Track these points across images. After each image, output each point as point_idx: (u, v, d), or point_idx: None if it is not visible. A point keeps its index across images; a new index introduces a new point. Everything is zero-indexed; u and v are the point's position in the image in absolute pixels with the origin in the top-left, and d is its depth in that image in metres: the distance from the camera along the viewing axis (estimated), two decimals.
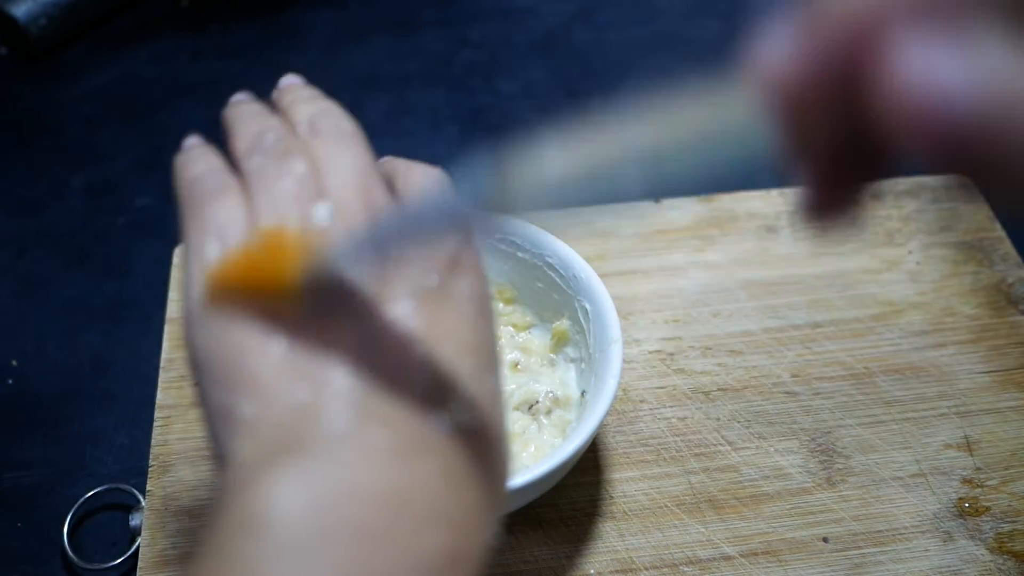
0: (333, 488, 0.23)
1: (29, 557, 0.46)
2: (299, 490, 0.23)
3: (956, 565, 0.44)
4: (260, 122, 0.31)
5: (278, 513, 0.22)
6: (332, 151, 0.29)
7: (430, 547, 0.23)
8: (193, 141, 0.32)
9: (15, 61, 0.70)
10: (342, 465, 0.23)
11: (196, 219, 0.28)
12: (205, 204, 0.28)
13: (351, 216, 0.27)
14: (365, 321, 0.26)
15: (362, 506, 0.23)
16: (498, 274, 0.49)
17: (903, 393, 0.50)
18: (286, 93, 0.34)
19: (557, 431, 0.45)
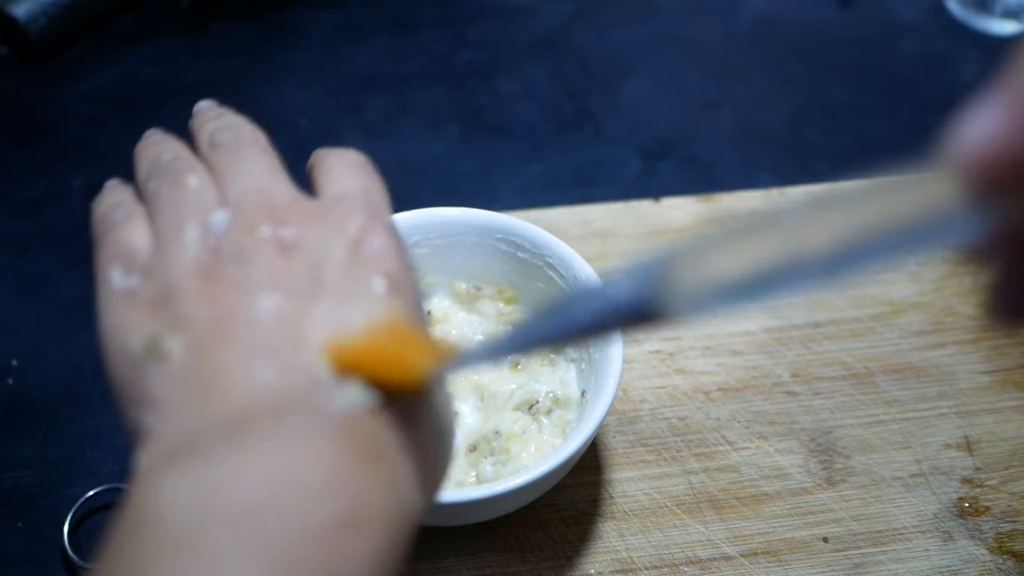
0: (218, 477, 0.23)
1: (29, 557, 0.46)
2: (183, 485, 0.23)
3: (956, 565, 0.44)
4: (157, 148, 0.32)
5: (162, 509, 0.23)
6: (228, 160, 0.30)
7: (317, 514, 0.23)
8: (110, 183, 0.34)
9: (15, 61, 0.70)
10: (228, 457, 0.24)
11: (102, 249, 0.30)
12: (109, 233, 0.30)
13: (251, 218, 0.28)
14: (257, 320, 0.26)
15: (244, 487, 0.23)
16: (498, 274, 0.49)
17: (903, 393, 0.50)
18: (197, 118, 0.34)
19: (557, 431, 0.45)
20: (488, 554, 0.45)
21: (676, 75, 0.71)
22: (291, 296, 0.27)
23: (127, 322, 0.28)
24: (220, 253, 0.28)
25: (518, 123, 0.67)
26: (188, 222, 0.28)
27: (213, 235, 0.28)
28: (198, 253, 0.28)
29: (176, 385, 0.26)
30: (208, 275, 0.27)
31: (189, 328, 0.26)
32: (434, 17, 0.74)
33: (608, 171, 0.64)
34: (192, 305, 0.27)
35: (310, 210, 0.29)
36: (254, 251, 0.27)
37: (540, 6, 0.75)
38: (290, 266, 0.27)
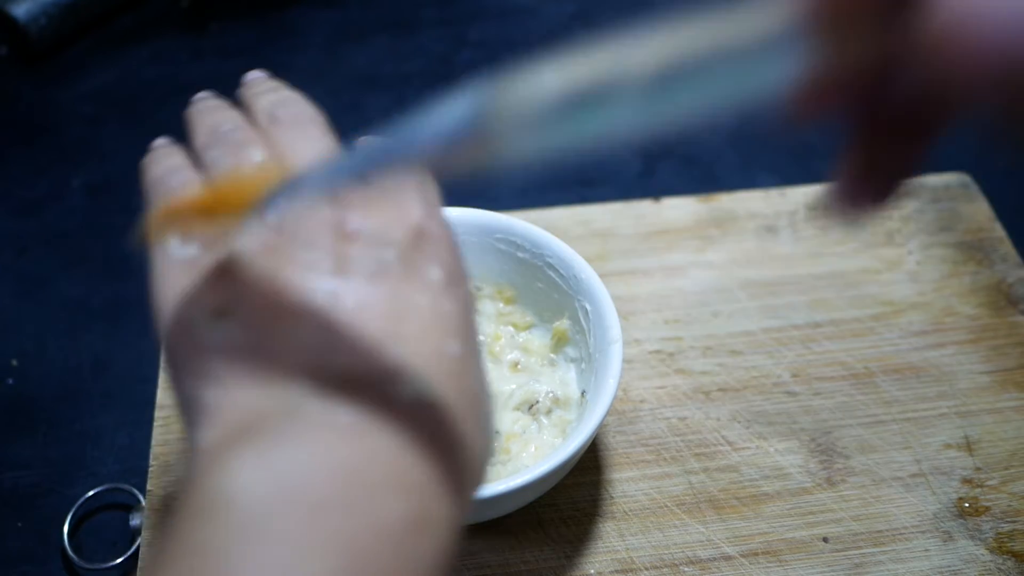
0: (290, 466, 0.23)
1: (29, 557, 0.46)
2: (256, 470, 0.23)
3: (956, 565, 0.44)
4: (217, 116, 0.32)
5: (236, 494, 0.23)
6: (290, 138, 0.30)
7: (390, 514, 0.23)
8: (160, 142, 0.33)
9: (15, 61, 0.70)
10: (298, 443, 0.24)
11: None
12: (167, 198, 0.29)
13: (322, 207, 0.28)
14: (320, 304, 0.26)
15: (319, 480, 0.23)
16: (498, 274, 0.49)
17: (903, 393, 0.50)
18: (249, 87, 0.34)
19: (557, 431, 0.45)
20: (488, 554, 0.45)
21: None
22: (351, 282, 0.26)
23: (187, 291, 0.27)
24: (283, 231, 0.27)
25: None
26: None
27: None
28: (261, 230, 0.27)
29: (237, 361, 0.25)
30: (271, 253, 0.27)
31: (251, 305, 0.26)
32: (434, 17, 0.74)
33: (608, 171, 0.64)
34: (255, 281, 0.26)
35: (371, 196, 0.29)
36: (317, 233, 0.27)
37: (540, 6, 0.75)
38: (351, 251, 0.27)
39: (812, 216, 0.57)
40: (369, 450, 0.24)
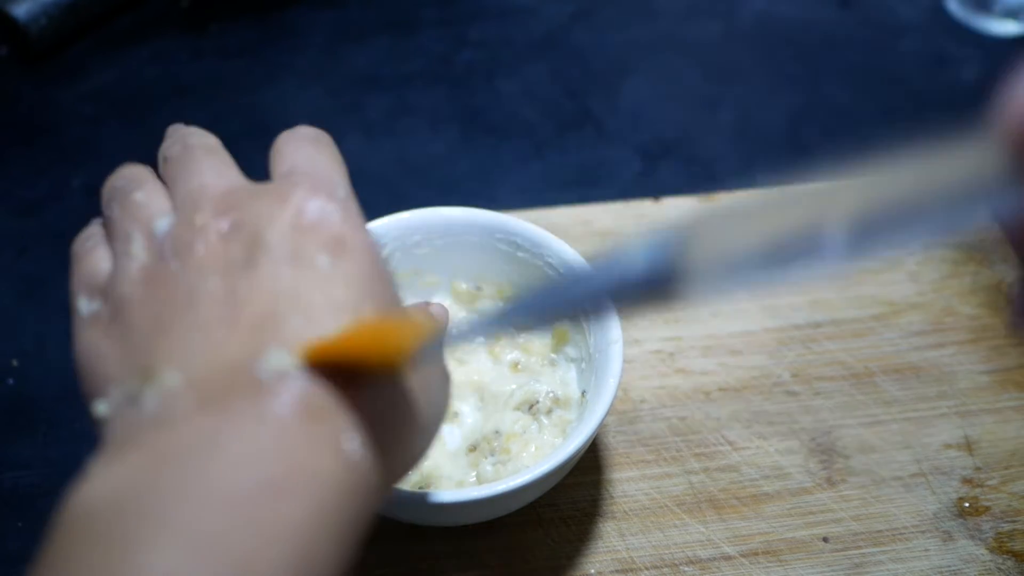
0: (133, 466, 0.24)
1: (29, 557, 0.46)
2: (105, 477, 0.24)
3: (956, 565, 0.44)
4: (117, 176, 0.33)
5: (86, 504, 0.24)
6: (176, 169, 0.31)
7: (237, 482, 0.23)
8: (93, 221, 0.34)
9: (15, 61, 0.70)
10: (146, 445, 0.24)
11: (71, 280, 0.31)
12: (76, 264, 0.31)
13: (191, 214, 0.29)
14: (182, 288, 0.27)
15: (160, 471, 0.23)
16: (498, 274, 0.49)
17: (903, 393, 0.50)
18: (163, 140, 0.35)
19: (557, 431, 0.45)
20: (488, 554, 0.45)
21: (676, 75, 0.71)
22: (227, 274, 0.27)
23: (91, 345, 0.29)
24: (163, 254, 0.28)
25: (518, 123, 0.67)
26: (134, 234, 0.29)
27: (158, 240, 0.29)
28: (144, 260, 0.29)
29: (120, 388, 0.27)
30: (152, 277, 0.28)
31: (134, 332, 0.27)
32: (434, 17, 0.74)
33: (608, 171, 0.64)
34: (136, 310, 0.28)
35: (254, 192, 0.29)
36: (193, 242, 0.28)
37: (540, 6, 0.75)
38: (229, 247, 0.28)
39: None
40: (223, 427, 0.24)
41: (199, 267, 0.27)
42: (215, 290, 0.27)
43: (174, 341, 0.26)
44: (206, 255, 0.27)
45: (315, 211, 0.28)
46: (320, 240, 0.28)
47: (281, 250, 0.27)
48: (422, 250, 0.49)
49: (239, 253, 0.27)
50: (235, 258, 0.27)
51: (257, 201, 0.29)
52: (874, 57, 0.72)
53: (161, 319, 0.27)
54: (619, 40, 0.73)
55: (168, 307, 0.27)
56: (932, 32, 0.73)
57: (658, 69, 0.71)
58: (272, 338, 0.26)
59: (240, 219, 0.28)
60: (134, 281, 0.28)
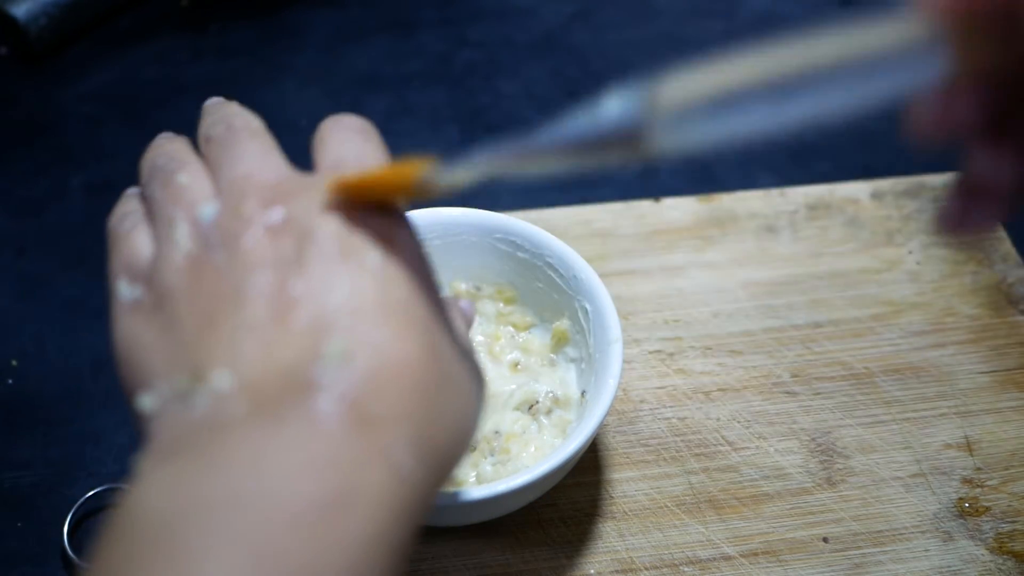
0: (189, 474, 0.23)
1: (29, 557, 0.46)
2: (160, 484, 0.23)
3: (956, 565, 0.44)
4: (156, 151, 0.32)
5: (142, 511, 0.23)
6: (219, 152, 0.30)
7: (298, 498, 0.23)
8: (127, 192, 0.33)
9: (15, 61, 0.70)
10: (203, 451, 0.24)
11: (112, 261, 0.30)
12: (116, 245, 0.30)
13: (238, 203, 0.28)
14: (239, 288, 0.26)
15: (216, 481, 0.23)
16: (498, 274, 0.49)
17: (903, 393, 0.50)
18: (202, 116, 0.34)
19: (557, 431, 0.45)
20: (488, 554, 0.45)
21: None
22: (277, 271, 0.26)
23: (133, 334, 0.28)
24: (209, 244, 0.27)
25: (518, 123, 0.67)
26: (177, 220, 0.28)
27: (203, 228, 0.28)
28: (189, 248, 0.28)
29: (168, 384, 0.26)
30: (198, 268, 0.27)
31: (180, 326, 0.26)
32: (434, 17, 0.74)
33: (608, 171, 0.64)
34: (182, 302, 0.27)
35: (302, 184, 0.28)
36: (241, 234, 0.27)
37: (540, 6, 0.75)
38: (277, 242, 0.27)
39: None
40: (280, 434, 0.24)
41: (247, 261, 0.26)
42: (265, 287, 0.26)
43: (224, 339, 0.26)
44: (254, 248, 0.27)
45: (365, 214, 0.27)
46: (369, 236, 0.27)
47: (331, 247, 0.26)
48: None
49: (288, 249, 0.26)
50: (284, 254, 0.26)
51: (306, 194, 0.28)
52: None
53: (209, 314, 0.26)
54: (619, 40, 0.73)
55: (216, 302, 0.26)
56: None
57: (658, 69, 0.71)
58: (322, 341, 0.25)
59: (288, 212, 0.27)
60: (179, 270, 0.27)
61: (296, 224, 0.27)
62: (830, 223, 0.58)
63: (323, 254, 0.26)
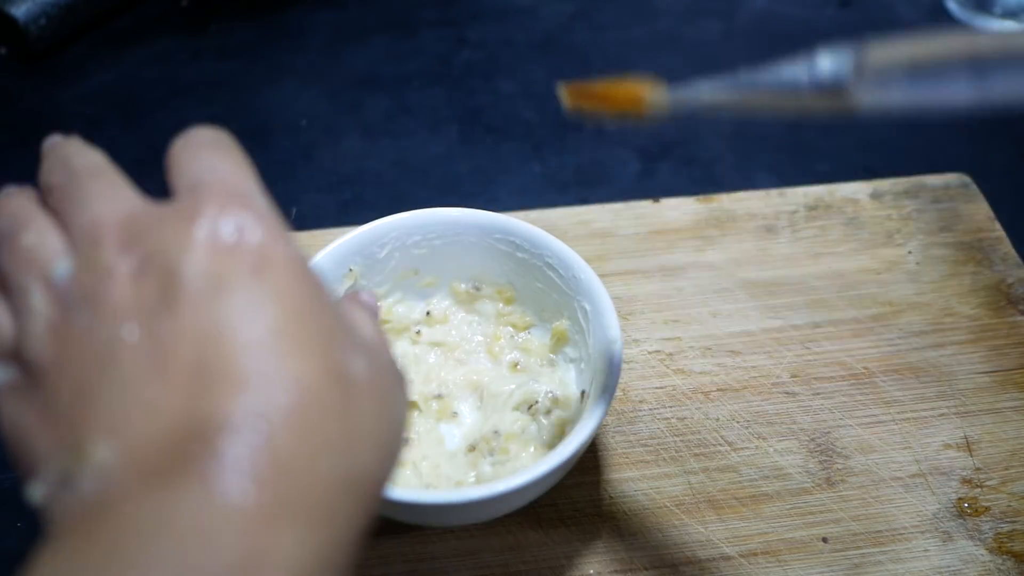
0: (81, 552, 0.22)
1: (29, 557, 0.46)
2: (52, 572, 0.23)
3: (955, 565, 0.44)
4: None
5: None
6: (63, 200, 0.28)
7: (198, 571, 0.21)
8: None
9: (15, 61, 0.70)
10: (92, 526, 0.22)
11: None
12: None
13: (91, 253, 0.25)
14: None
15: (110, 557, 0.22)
16: (498, 274, 0.49)
17: (903, 393, 0.50)
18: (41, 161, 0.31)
19: (556, 431, 0.45)
20: (488, 554, 0.45)
21: (676, 75, 0.71)
22: (145, 320, 0.24)
23: (14, 420, 0.25)
24: (69, 305, 0.25)
25: (518, 123, 0.67)
26: (30, 286, 0.26)
27: (60, 288, 0.25)
28: (48, 315, 0.25)
29: (52, 468, 0.24)
30: (62, 334, 0.25)
31: (56, 402, 0.24)
32: (434, 17, 0.74)
33: (607, 171, 0.64)
34: (52, 375, 0.25)
35: (159, 216, 0.26)
36: (100, 287, 0.25)
37: (540, 6, 0.75)
38: (141, 288, 0.24)
39: None
40: (159, 506, 0.22)
41: (112, 316, 0.24)
42: (135, 341, 0.24)
43: (102, 407, 0.23)
44: (118, 301, 0.24)
45: (231, 228, 0.25)
46: (242, 261, 0.24)
47: (200, 281, 0.24)
48: (421, 250, 0.49)
49: (154, 292, 0.24)
50: (151, 299, 0.24)
51: (163, 226, 0.25)
52: None
53: (82, 383, 0.24)
54: (619, 40, 0.73)
55: (87, 368, 0.24)
56: None
57: (658, 69, 0.71)
58: (209, 387, 0.23)
59: (148, 251, 0.25)
60: (43, 341, 0.25)
61: (158, 263, 0.24)
62: (829, 223, 0.58)
63: (192, 292, 0.24)
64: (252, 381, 0.23)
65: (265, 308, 0.24)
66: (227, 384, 0.23)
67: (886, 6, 0.75)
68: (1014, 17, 0.72)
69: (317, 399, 0.24)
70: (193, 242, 0.24)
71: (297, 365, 0.24)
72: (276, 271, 0.25)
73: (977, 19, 0.73)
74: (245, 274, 0.24)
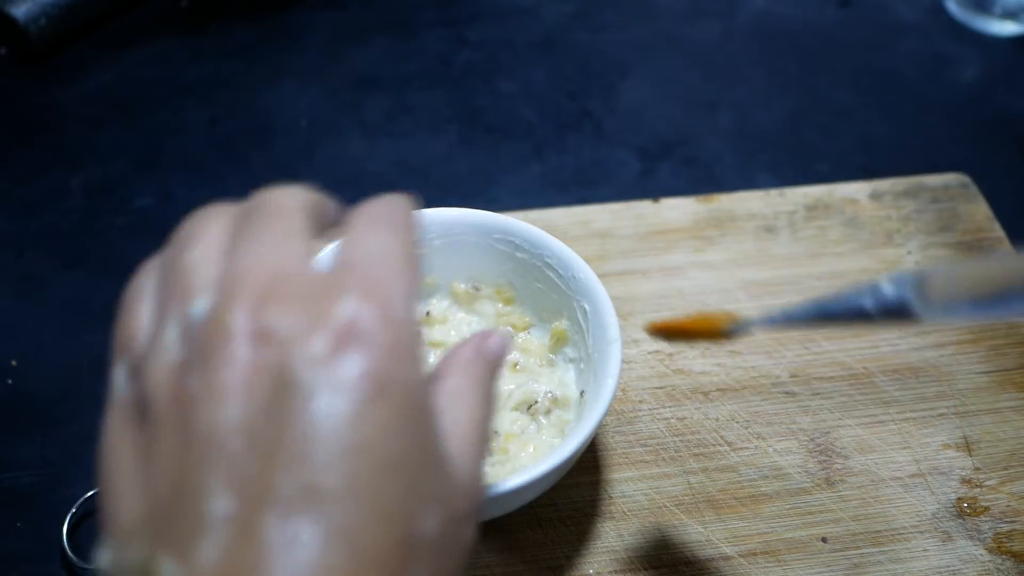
0: None
1: (29, 557, 0.46)
2: None
3: (955, 565, 0.44)
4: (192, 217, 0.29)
5: None
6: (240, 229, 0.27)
7: None
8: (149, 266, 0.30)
9: (15, 61, 0.70)
10: None
11: (116, 329, 0.28)
12: (119, 318, 0.28)
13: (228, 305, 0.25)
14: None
15: None
16: (497, 274, 0.49)
17: (902, 393, 0.50)
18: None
19: (556, 431, 0.45)
20: (488, 554, 0.45)
21: (675, 75, 0.71)
22: (250, 417, 0.23)
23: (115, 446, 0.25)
24: (190, 358, 0.24)
25: (518, 123, 0.67)
26: (171, 314, 0.26)
27: (191, 330, 0.25)
28: (174, 357, 0.25)
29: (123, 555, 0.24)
30: (177, 388, 0.24)
31: (152, 471, 0.24)
32: (434, 17, 0.74)
33: (607, 171, 0.64)
34: (161, 429, 0.24)
35: (300, 291, 0.25)
36: (217, 355, 0.24)
37: (540, 6, 0.75)
38: (256, 367, 0.24)
39: None
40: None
41: (220, 399, 0.23)
42: (230, 466, 0.23)
43: (183, 526, 0.23)
44: (228, 382, 0.23)
45: (358, 335, 0.24)
46: (355, 375, 0.23)
47: (310, 390, 0.23)
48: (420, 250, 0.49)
49: (265, 389, 0.23)
50: (260, 396, 0.23)
51: (297, 306, 0.24)
52: (874, 57, 0.72)
53: (178, 471, 0.23)
54: (619, 40, 0.73)
55: (186, 456, 0.23)
56: (932, 32, 0.73)
57: (657, 69, 0.71)
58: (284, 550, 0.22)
59: (276, 327, 0.24)
60: (161, 384, 0.25)
61: (275, 352, 0.24)
62: (829, 223, 0.58)
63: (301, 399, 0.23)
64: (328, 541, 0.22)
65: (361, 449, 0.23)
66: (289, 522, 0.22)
67: (886, 6, 0.75)
68: (1014, 17, 0.72)
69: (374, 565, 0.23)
70: (315, 340, 0.24)
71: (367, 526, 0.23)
72: (389, 402, 0.24)
73: (977, 19, 0.73)
74: (354, 391, 0.23)
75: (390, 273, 0.26)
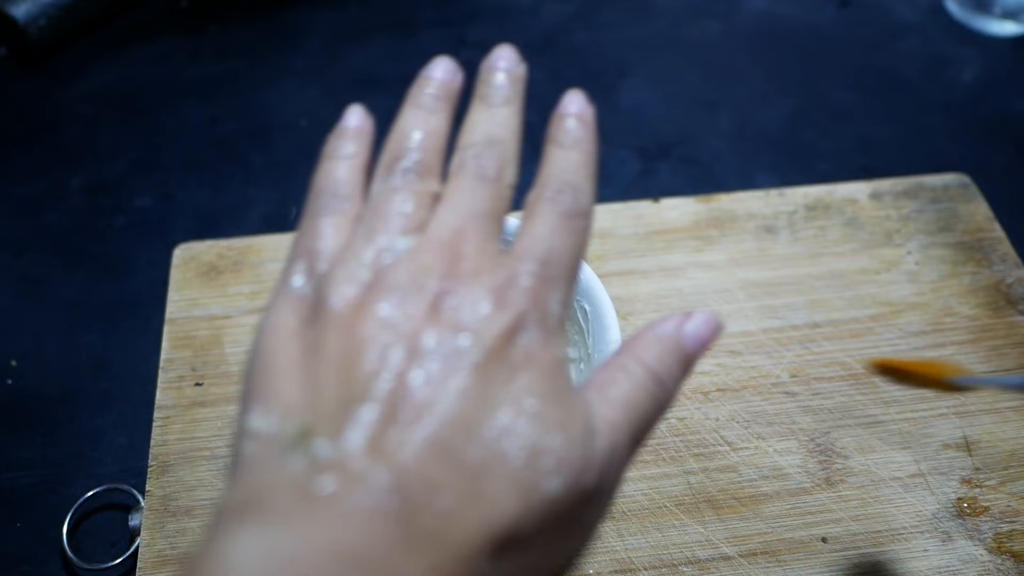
0: (282, 548, 0.23)
1: (29, 557, 0.46)
2: (253, 547, 0.23)
3: (955, 565, 0.44)
4: (415, 134, 0.32)
5: (229, 568, 0.22)
6: (453, 187, 0.29)
7: None
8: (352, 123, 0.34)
9: (15, 61, 0.70)
10: (294, 526, 0.23)
11: (300, 235, 0.29)
12: (312, 220, 0.29)
13: (425, 258, 0.27)
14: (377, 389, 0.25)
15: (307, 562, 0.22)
16: None
17: (902, 393, 0.50)
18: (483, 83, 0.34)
19: None
20: None
21: (675, 75, 0.71)
22: (413, 363, 0.25)
23: (279, 339, 0.26)
24: (382, 285, 0.26)
25: None
26: (375, 238, 0.27)
27: (387, 263, 0.27)
28: (365, 280, 0.26)
29: (279, 424, 0.25)
30: (363, 307, 0.26)
31: (318, 368, 0.25)
32: (434, 17, 0.74)
33: (607, 171, 0.64)
34: (332, 337, 0.26)
35: (483, 264, 0.27)
36: (408, 295, 0.26)
37: (540, 6, 0.75)
38: (427, 327, 0.25)
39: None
40: (372, 536, 0.23)
41: (393, 337, 0.25)
42: (393, 379, 0.25)
43: (340, 409, 0.24)
44: (404, 325, 0.25)
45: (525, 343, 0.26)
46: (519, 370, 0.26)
47: (470, 358, 0.25)
48: None
49: (432, 343, 0.25)
50: (427, 348, 0.25)
51: (478, 280, 0.27)
52: (874, 57, 0.72)
53: (345, 372, 0.25)
54: (619, 40, 0.73)
55: (357, 363, 0.25)
56: (931, 32, 0.73)
57: (657, 69, 0.71)
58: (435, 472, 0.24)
59: (457, 299, 0.26)
60: (346, 299, 0.26)
61: (452, 314, 0.26)
62: (829, 223, 0.58)
63: (462, 365, 0.25)
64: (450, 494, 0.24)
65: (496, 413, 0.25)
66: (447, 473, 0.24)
67: (886, 6, 0.76)
68: (1014, 17, 0.72)
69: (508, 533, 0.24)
70: (486, 319, 0.26)
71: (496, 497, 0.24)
72: (533, 370, 0.26)
73: (976, 20, 0.73)
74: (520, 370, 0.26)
75: (561, 269, 0.28)
